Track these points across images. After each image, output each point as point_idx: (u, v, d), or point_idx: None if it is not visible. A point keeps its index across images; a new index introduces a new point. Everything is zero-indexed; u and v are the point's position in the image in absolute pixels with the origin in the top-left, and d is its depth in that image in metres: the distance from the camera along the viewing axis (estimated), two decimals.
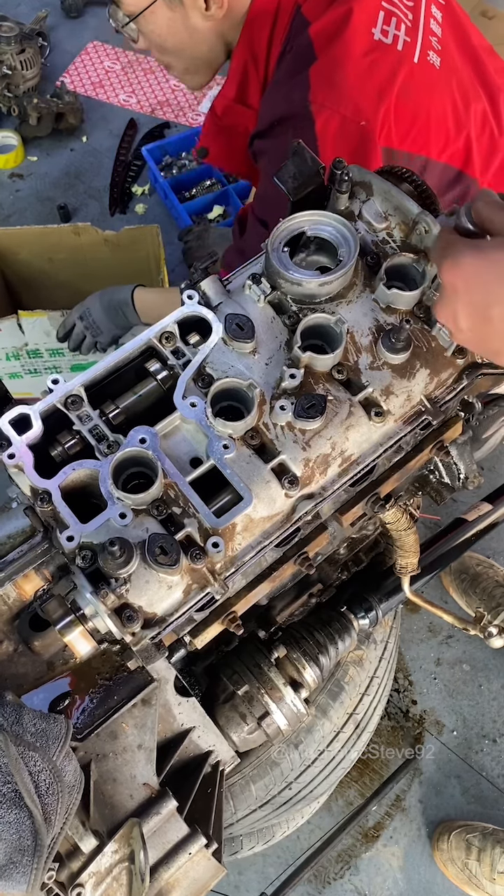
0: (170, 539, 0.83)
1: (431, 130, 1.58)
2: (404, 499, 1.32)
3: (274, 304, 0.99)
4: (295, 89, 1.52)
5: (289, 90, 1.54)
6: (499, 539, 2.53)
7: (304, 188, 1.02)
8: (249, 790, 1.45)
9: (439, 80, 1.60)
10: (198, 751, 1.11)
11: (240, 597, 0.99)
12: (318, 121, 1.49)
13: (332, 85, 1.50)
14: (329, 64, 1.51)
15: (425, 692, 2.35)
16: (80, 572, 0.84)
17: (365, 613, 1.38)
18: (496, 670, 2.38)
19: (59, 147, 3.38)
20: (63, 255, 2.56)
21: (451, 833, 2.07)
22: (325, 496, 0.94)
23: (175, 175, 3.10)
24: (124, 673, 1.04)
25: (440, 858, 2.08)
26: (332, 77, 1.50)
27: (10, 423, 0.90)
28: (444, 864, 2.08)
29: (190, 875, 0.99)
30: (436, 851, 2.10)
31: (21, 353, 2.39)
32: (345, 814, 2.15)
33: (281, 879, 2.03)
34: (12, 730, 0.83)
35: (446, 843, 2.07)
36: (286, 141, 1.54)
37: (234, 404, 0.94)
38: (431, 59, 1.60)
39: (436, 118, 1.59)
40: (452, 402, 1.03)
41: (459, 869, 2.03)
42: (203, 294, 1.00)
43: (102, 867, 0.91)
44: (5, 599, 1.03)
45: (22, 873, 0.78)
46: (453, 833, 2.07)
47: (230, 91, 1.72)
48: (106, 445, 0.90)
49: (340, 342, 0.93)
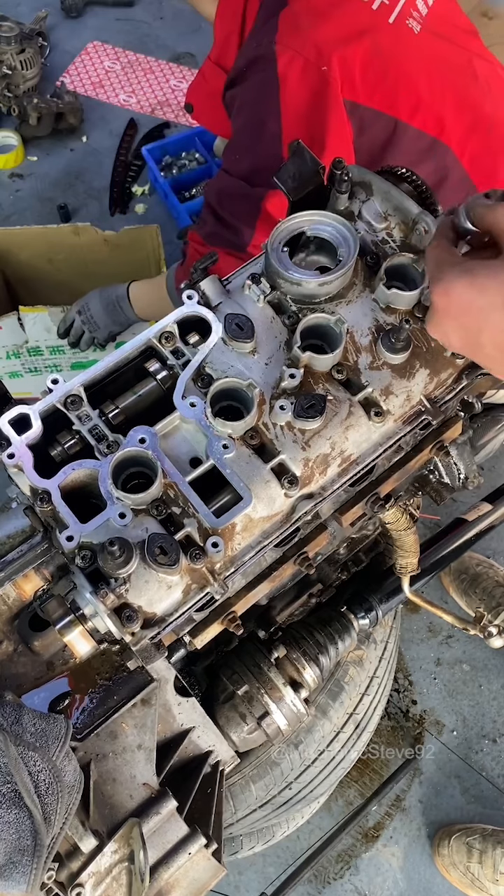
0: (169, 539, 0.83)
1: (400, 91, 1.59)
2: (404, 499, 1.32)
3: (273, 304, 0.99)
4: (264, 34, 1.56)
5: (259, 36, 1.58)
6: (499, 539, 2.53)
7: (304, 188, 1.02)
8: (249, 790, 1.45)
9: (416, 45, 1.60)
10: (198, 751, 1.11)
11: (239, 597, 0.99)
12: (280, 61, 1.52)
13: (297, 28, 1.53)
14: (298, 9, 1.55)
15: (425, 692, 2.35)
16: (79, 572, 0.84)
17: (365, 613, 1.38)
18: (496, 670, 2.38)
19: (59, 147, 3.38)
20: (63, 255, 2.56)
21: (450, 837, 2.07)
22: (324, 496, 0.94)
23: (175, 175, 3.10)
24: (124, 673, 1.04)
25: (442, 864, 2.08)
26: (298, 21, 1.54)
27: (9, 422, 0.90)
28: (446, 870, 2.07)
29: (190, 875, 0.99)
30: (437, 857, 2.09)
31: (21, 350, 2.39)
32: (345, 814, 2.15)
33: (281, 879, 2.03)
34: (12, 730, 0.83)
35: (447, 848, 2.06)
36: (254, 84, 1.56)
37: (233, 404, 0.94)
38: (410, 24, 1.61)
39: (406, 80, 1.59)
40: (452, 402, 1.03)
41: (462, 873, 2.02)
42: (203, 294, 1.00)
43: (102, 867, 0.91)
44: (5, 599, 1.03)
45: (21, 873, 0.78)
46: (453, 837, 2.06)
47: (213, 52, 1.80)
48: (105, 445, 0.90)
49: (340, 342, 0.93)
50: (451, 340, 0.75)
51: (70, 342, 2.25)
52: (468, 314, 0.71)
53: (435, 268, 0.75)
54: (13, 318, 2.26)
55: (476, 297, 0.70)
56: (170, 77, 3.58)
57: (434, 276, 0.74)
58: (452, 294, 0.71)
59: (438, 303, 0.73)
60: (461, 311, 0.71)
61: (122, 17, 3.79)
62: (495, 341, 0.70)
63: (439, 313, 0.74)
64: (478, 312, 0.70)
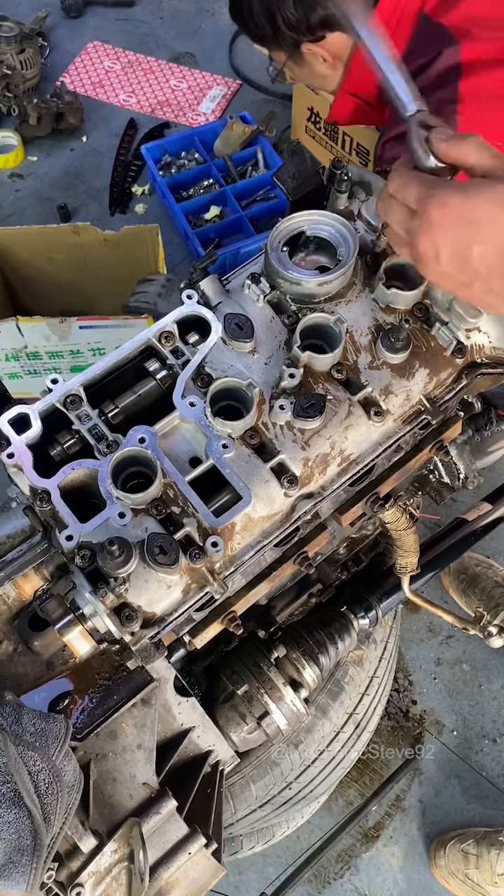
0: (169, 538, 0.83)
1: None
2: (404, 499, 1.32)
3: (273, 304, 0.99)
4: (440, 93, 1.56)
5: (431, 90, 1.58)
6: (499, 539, 2.52)
7: (304, 188, 1.02)
8: (249, 790, 1.45)
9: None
10: (197, 751, 1.11)
11: (239, 596, 0.99)
12: None
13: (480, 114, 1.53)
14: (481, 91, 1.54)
15: (425, 692, 2.34)
16: (79, 572, 0.84)
17: (365, 613, 1.38)
18: (496, 670, 2.37)
19: (59, 147, 3.38)
20: (63, 254, 2.56)
21: (445, 847, 2.05)
22: (324, 496, 0.94)
23: (174, 175, 3.10)
24: (124, 673, 1.04)
25: (440, 875, 2.06)
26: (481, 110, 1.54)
27: (9, 422, 0.90)
28: (445, 880, 2.06)
29: (189, 875, 0.99)
30: (435, 868, 2.08)
31: (20, 354, 2.39)
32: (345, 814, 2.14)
33: (281, 879, 2.02)
34: (12, 730, 0.83)
35: (443, 858, 2.05)
36: None
37: (233, 404, 0.94)
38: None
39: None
40: (452, 402, 1.03)
41: (461, 881, 2.01)
42: (202, 294, 1.00)
43: (102, 867, 0.91)
44: (5, 599, 1.03)
45: (21, 873, 0.78)
46: (448, 846, 2.05)
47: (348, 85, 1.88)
48: (105, 445, 0.90)
49: (340, 342, 0.93)
50: (441, 254, 0.78)
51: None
52: (462, 226, 0.75)
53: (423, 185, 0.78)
54: (12, 323, 2.25)
55: (470, 209, 0.74)
56: (170, 77, 3.58)
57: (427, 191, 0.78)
58: (448, 206, 0.75)
59: (434, 214, 0.77)
60: (456, 223, 0.75)
61: (122, 17, 3.78)
62: (481, 253, 0.75)
63: (434, 225, 0.77)
64: (470, 224, 0.74)
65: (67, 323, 2.25)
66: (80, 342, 2.35)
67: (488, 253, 0.74)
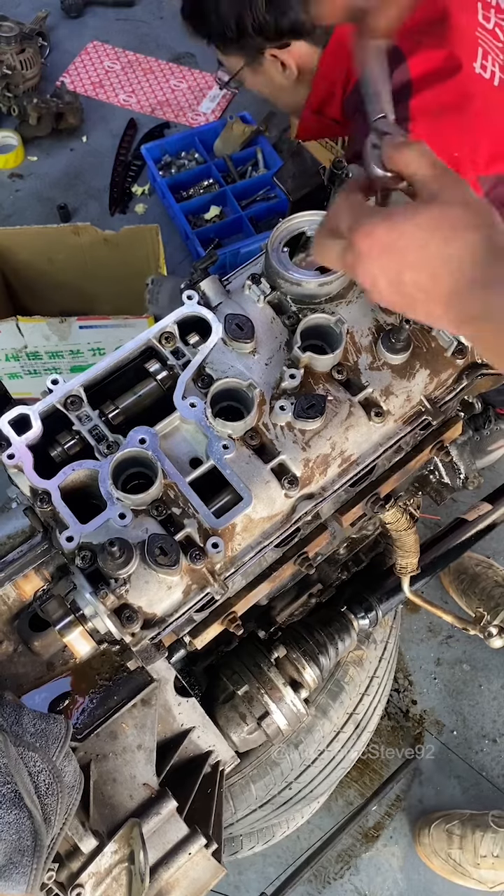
0: (169, 539, 0.83)
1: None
2: (404, 499, 1.32)
3: (274, 305, 0.99)
4: None
5: None
6: (499, 539, 2.52)
7: (304, 188, 1.02)
8: (249, 790, 1.45)
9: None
10: (198, 751, 1.11)
11: (240, 597, 0.99)
12: None
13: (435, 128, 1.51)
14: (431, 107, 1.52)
15: (425, 692, 2.34)
16: (79, 573, 0.84)
17: (365, 613, 1.38)
18: (496, 670, 2.37)
19: (59, 147, 3.37)
20: (63, 255, 2.56)
21: (430, 826, 2.07)
22: (324, 496, 0.94)
23: (174, 174, 3.10)
24: (124, 673, 1.04)
25: (423, 853, 2.09)
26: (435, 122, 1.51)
27: (9, 423, 0.90)
28: (427, 858, 2.08)
29: (190, 875, 0.99)
30: (418, 846, 2.11)
31: (20, 354, 2.39)
32: (345, 814, 2.15)
33: (281, 879, 2.03)
34: (12, 730, 0.83)
35: (427, 836, 2.07)
36: None
37: (233, 404, 0.94)
38: None
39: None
40: (452, 403, 1.03)
41: (444, 860, 2.03)
42: (203, 294, 1.00)
43: (102, 867, 0.91)
44: (5, 599, 1.03)
45: (22, 874, 0.78)
46: (433, 825, 2.07)
47: (312, 103, 1.84)
48: (105, 446, 0.90)
49: (340, 342, 0.93)
50: (379, 284, 0.78)
51: None
52: (389, 254, 0.75)
53: (352, 215, 0.78)
54: (12, 323, 2.25)
55: (396, 238, 0.74)
56: (170, 77, 3.58)
57: (355, 222, 0.77)
58: (374, 236, 0.75)
59: (362, 246, 0.77)
60: (383, 252, 0.75)
61: (122, 17, 3.78)
62: (414, 279, 0.75)
63: (363, 256, 0.77)
64: (398, 253, 0.74)
65: (67, 323, 2.25)
66: (80, 342, 2.35)
67: (421, 279, 0.74)
